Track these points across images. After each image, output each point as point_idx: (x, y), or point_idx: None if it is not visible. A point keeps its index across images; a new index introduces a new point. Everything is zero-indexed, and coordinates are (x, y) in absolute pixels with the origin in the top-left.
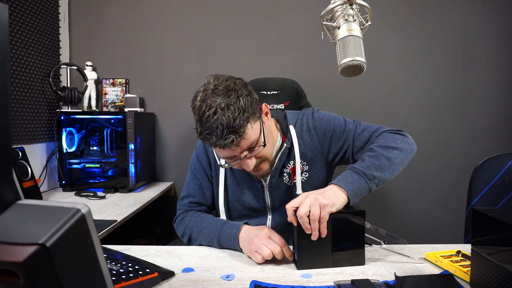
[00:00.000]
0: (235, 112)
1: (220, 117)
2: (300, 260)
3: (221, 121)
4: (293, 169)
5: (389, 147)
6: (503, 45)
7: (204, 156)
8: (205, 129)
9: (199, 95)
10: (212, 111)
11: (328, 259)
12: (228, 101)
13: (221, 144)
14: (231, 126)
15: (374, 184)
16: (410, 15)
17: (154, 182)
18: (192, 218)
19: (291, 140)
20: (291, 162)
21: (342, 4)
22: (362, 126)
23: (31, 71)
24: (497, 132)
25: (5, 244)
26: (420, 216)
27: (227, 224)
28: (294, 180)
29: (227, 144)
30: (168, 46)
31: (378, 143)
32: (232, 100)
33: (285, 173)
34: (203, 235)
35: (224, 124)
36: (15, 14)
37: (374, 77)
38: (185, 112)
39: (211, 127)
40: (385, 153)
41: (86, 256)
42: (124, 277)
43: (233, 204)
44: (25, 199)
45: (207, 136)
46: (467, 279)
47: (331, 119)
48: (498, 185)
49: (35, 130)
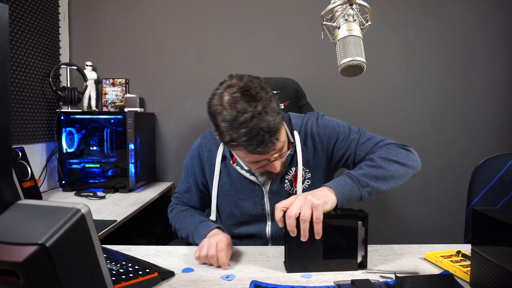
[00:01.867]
0: (272, 115)
1: (259, 122)
2: (289, 262)
3: (260, 126)
4: (294, 175)
5: (390, 159)
6: (503, 45)
7: (197, 161)
8: (240, 136)
9: (225, 98)
10: (248, 116)
11: (319, 263)
12: (263, 105)
13: (260, 151)
14: (271, 131)
15: (366, 192)
16: (410, 15)
17: (154, 182)
18: (178, 211)
19: (295, 146)
20: (293, 169)
21: (342, 4)
22: (366, 136)
23: (31, 71)
24: (497, 132)
25: (5, 244)
26: (420, 216)
27: (202, 224)
28: (295, 187)
29: (268, 149)
30: (168, 46)
31: (380, 154)
32: (265, 103)
33: (287, 179)
34: (183, 229)
35: (264, 129)
36: (15, 14)
37: (374, 77)
38: (185, 112)
39: (249, 134)
40: (384, 164)
41: (86, 256)
42: (124, 277)
43: (231, 211)
44: (25, 199)
45: (244, 143)
46: (467, 279)
47: (335, 125)
48: (498, 185)
49: (35, 130)
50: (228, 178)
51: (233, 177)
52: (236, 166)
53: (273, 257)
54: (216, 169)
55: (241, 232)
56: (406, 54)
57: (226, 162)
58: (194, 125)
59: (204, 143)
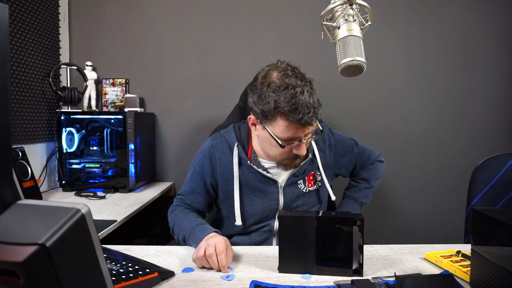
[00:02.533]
0: (316, 96)
1: (308, 97)
2: (281, 263)
3: (309, 100)
4: (309, 176)
5: (377, 178)
6: (503, 45)
7: (208, 162)
8: (289, 103)
9: (274, 74)
10: (299, 90)
11: (313, 267)
12: (310, 86)
13: (307, 120)
14: (316, 107)
15: (361, 209)
16: (410, 15)
17: (154, 182)
18: (178, 213)
19: (313, 150)
20: (306, 169)
21: (342, 4)
22: (362, 151)
23: (31, 71)
24: (497, 132)
25: (5, 244)
26: (420, 216)
27: (199, 227)
28: (309, 187)
29: (312, 121)
30: (168, 46)
31: (373, 175)
32: (310, 85)
33: (301, 179)
34: (180, 231)
35: (311, 103)
36: (15, 14)
37: (374, 77)
38: (185, 112)
39: (297, 104)
40: (374, 184)
41: (86, 256)
42: (124, 277)
43: (244, 208)
44: (25, 199)
45: (288, 111)
46: (467, 279)
47: (347, 142)
48: (498, 185)
49: (35, 130)
50: (243, 178)
51: (247, 177)
52: (253, 165)
53: (273, 257)
54: (235, 171)
55: (248, 227)
56: (406, 54)
57: (241, 163)
58: (194, 125)
59: (216, 144)
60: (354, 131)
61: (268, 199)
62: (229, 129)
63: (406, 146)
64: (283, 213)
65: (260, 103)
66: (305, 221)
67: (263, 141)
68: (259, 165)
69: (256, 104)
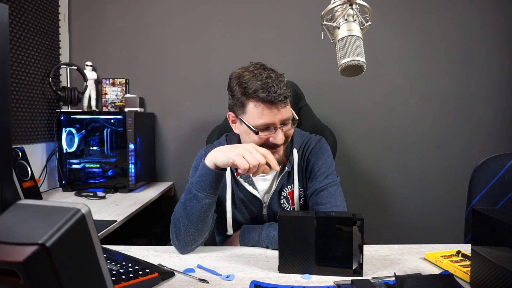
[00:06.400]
0: (285, 82)
1: (275, 79)
2: (281, 263)
3: (280, 79)
4: (291, 193)
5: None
6: (503, 45)
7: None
8: (259, 85)
9: (243, 73)
10: (269, 73)
11: (313, 267)
12: (278, 73)
13: (276, 97)
14: (285, 88)
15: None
16: (410, 15)
17: (154, 182)
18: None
19: (292, 163)
20: (289, 186)
21: (342, 4)
22: (331, 192)
23: (31, 71)
24: (497, 132)
25: (5, 244)
26: (420, 216)
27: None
28: (292, 205)
29: (282, 99)
30: (168, 46)
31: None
32: (279, 73)
33: (283, 196)
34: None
35: (283, 81)
36: (15, 14)
37: (374, 77)
38: (185, 112)
39: (267, 82)
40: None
41: (86, 256)
42: (124, 277)
43: (234, 216)
44: (25, 199)
45: (260, 91)
46: (467, 279)
47: (322, 159)
48: (498, 185)
49: (35, 130)
50: (235, 188)
51: (237, 188)
52: (239, 178)
53: (273, 257)
54: (228, 181)
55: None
56: (406, 54)
57: (233, 172)
58: (194, 125)
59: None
60: (354, 131)
61: (253, 214)
62: (221, 140)
63: (406, 146)
64: (283, 213)
65: (232, 95)
66: (305, 221)
67: (243, 137)
68: (247, 178)
69: (231, 99)
